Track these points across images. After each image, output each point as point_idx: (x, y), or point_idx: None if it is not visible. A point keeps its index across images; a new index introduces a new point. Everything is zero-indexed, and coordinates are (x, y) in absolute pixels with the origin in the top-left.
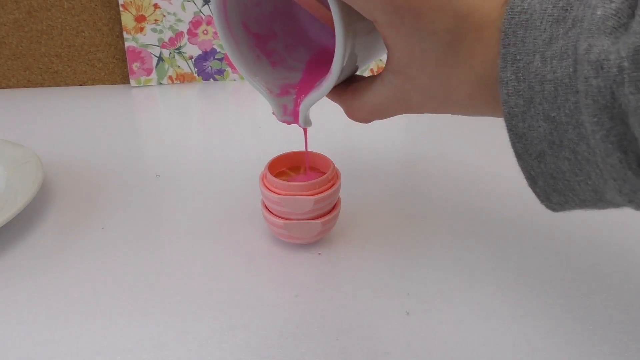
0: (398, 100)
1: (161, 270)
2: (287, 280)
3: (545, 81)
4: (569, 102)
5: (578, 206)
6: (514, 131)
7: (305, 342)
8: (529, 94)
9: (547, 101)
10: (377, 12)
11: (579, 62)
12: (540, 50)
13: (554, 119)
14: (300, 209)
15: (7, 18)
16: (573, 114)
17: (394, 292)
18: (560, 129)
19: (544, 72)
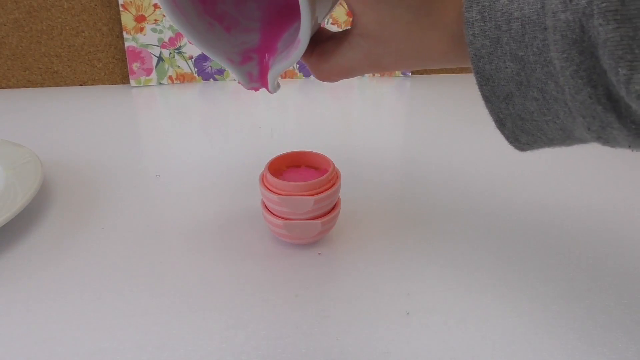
0: (369, 62)
1: (161, 270)
2: (287, 280)
3: (512, 19)
4: (536, 39)
5: (546, 145)
6: (481, 73)
7: (305, 341)
8: (495, 34)
9: (514, 40)
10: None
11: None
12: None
13: (522, 59)
14: (300, 209)
15: (7, 18)
16: (541, 52)
17: (394, 292)
18: (528, 69)
19: (510, 9)
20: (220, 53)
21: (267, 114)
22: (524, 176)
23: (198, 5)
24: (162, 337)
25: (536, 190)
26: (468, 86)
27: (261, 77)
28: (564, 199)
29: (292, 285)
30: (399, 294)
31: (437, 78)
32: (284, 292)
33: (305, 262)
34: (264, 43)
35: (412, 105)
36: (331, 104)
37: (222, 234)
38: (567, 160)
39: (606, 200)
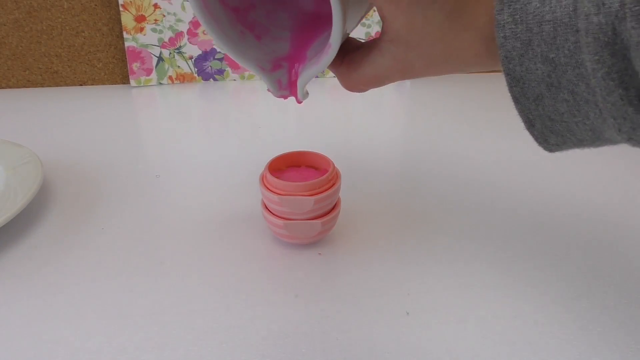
0: (399, 69)
1: (161, 270)
2: (287, 280)
3: (543, 22)
4: (568, 42)
5: (575, 146)
6: (512, 75)
7: (306, 341)
8: (526, 36)
9: (545, 42)
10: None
11: (579, 0)
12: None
13: (553, 60)
14: (301, 209)
15: (7, 18)
16: (572, 54)
17: (394, 292)
18: (559, 70)
19: (542, 12)
20: (251, 60)
21: (267, 114)
22: (525, 176)
23: (230, 14)
24: (163, 337)
25: (536, 190)
26: (468, 86)
27: (290, 85)
28: (565, 198)
29: (292, 285)
30: (399, 294)
31: (436, 78)
32: (284, 292)
33: (305, 262)
34: (293, 51)
35: (412, 105)
36: (331, 103)
37: (222, 234)
38: (568, 160)
39: (607, 200)
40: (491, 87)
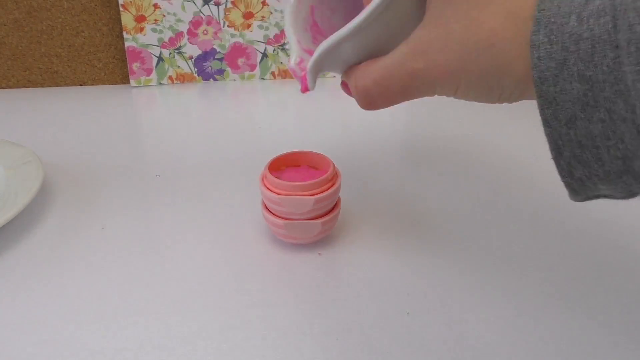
0: (414, 55)
1: (161, 270)
2: (287, 280)
3: (581, 40)
4: (607, 58)
5: (600, 181)
6: (544, 97)
7: (306, 342)
8: (561, 55)
9: (582, 61)
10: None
11: (619, 17)
12: (576, 11)
13: (590, 78)
14: (301, 209)
15: (7, 18)
16: (611, 71)
17: (394, 292)
18: (595, 88)
19: (579, 31)
20: (296, 39)
21: (268, 114)
22: (525, 176)
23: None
24: (162, 338)
25: (537, 190)
26: None
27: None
28: (567, 198)
29: (292, 285)
30: (399, 294)
31: None
32: (284, 293)
33: (305, 262)
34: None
35: (412, 104)
36: (331, 103)
37: (222, 234)
38: None
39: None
40: None
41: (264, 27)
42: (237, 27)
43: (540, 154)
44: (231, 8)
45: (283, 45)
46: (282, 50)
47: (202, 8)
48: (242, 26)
